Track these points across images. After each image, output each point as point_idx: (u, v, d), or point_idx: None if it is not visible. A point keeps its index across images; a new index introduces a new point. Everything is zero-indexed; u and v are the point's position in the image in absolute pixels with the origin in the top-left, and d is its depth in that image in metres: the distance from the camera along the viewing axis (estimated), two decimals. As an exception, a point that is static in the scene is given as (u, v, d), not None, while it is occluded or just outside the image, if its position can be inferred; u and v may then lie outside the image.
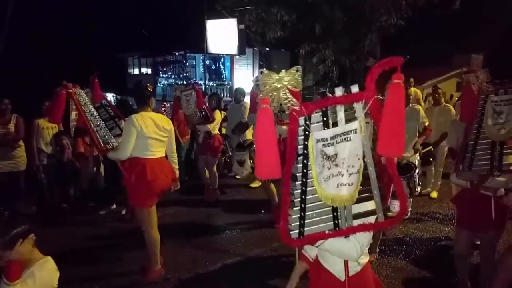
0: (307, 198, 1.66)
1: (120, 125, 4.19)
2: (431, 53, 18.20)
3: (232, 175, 7.79)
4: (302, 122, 1.61)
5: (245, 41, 14.27)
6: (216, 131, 6.29)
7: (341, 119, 1.60)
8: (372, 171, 1.64)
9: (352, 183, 1.61)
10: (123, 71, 23.53)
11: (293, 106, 1.58)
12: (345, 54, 15.26)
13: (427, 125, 5.31)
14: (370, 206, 1.69)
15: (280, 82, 1.57)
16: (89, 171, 6.49)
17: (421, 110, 5.39)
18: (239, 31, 13.47)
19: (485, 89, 2.88)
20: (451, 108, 6.23)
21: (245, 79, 17.55)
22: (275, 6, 14.14)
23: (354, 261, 1.82)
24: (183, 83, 15.91)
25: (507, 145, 2.85)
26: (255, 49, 18.57)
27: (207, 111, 5.82)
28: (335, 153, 1.60)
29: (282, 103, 1.58)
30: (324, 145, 1.60)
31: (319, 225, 1.69)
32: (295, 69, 1.61)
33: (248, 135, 6.80)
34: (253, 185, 7.13)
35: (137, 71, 23.11)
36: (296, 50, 17.07)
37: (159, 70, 20.96)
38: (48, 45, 19.03)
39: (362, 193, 1.66)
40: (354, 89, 1.57)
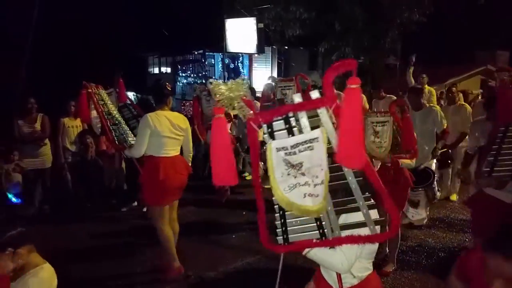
0: None
1: None
2: (453, 50, 17.76)
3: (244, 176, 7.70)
4: (265, 130, 1.58)
5: (264, 39, 14.25)
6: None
7: (305, 127, 1.54)
8: (352, 181, 1.56)
9: (318, 195, 1.53)
10: (144, 70, 23.91)
11: (249, 115, 1.55)
12: (365, 51, 15.06)
13: (445, 127, 5.00)
14: (359, 217, 1.61)
15: (231, 91, 1.54)
16: (113, 169, 6.65)
17: (440, 111, 5.06)
18: (258, 29, 13.46)
19: None
20: (467, 106, 5.94)
21: (263, 78, 17.56)
22: (294, 4, 14.06)
23: (342, 273, 1.77)
24: (202, 81, 16.06)
25: None
26: (274, 47, 18.53)
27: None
28: (299, 162, 1.53)
29: (238, 112, 1.57)
30: (286, 154, 1.54)
31: (305, 233, 1.65)
32: (242, 78, 1.60)
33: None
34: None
35: (157, 70, 23.45)
36: (315, 48, 16.95)
37: (179, 69, 21.20)
38: (72, 45, 19.49)
39: (344, 204, 1.60)
40: (313, 95, 1.50)
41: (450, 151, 5.59)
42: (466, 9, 14.51)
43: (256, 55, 17.05)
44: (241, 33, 14.18)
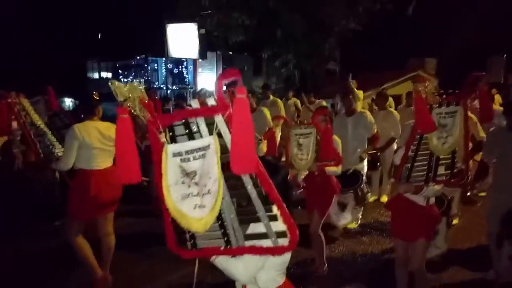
0: None
1: None
2: (387, 56, 18.89)
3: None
4: (167, 133, 1.56)
5: (206, 45, 14.28)
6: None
7: (204, 133, 1.52)
8: (252, 191, 1.52)
9: (204, 206, 1.50)
10: (83, 76, 22.84)
11: (147, 118, 1.56)
12: (306, 58, 15.59)
13: (375, 132, 5.12)
14: (263, 228, 1.57)
15: (131, 93, 1.55)
16: (45, 180, 6.27)
17: (370, 116, 5.23)
18: (200, 35, 13.47)
19: (431, 100, 2.76)
20: (395, 112, 6.20)
21: (209, 83, 17.52)
22: (236, 11, 14.23)
23: (243, 283, 1.77)
24: (146, 87, 15.62)
25: (442, 156, 2.84)
26: (218, 53, 18.60)
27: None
28: (193, 170, 1.51)
29: (140, 114, 1.57)
30: (181, 160, 1.51)
31: (212, 240, 1.63)
32: (137, 82, 1.60)
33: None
34: None
35: (97, 75, 22.52)
36: (259, 54, 17.25)
37: (120, 74, 20.53)
38: (4, 51, 18.16)
39: (247, 213, 1.56)
40: (209, 101, 1.50)
41: (379, 154, 5.75)
42: (396, 19, 15.50)
43: (200, 60, 17.00)
44: (183, 39, 14.10)
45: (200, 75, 18.77)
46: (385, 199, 6.23)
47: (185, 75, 19.13)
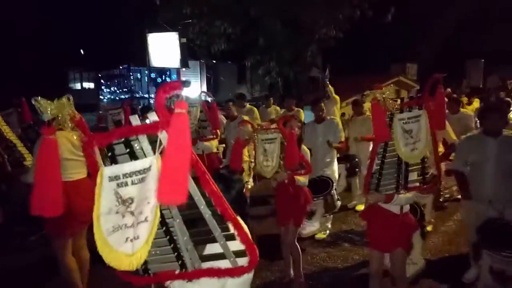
0: None
1: None
2: (369, 62, 19.17)
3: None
4: (105, 154, 1.40)
5: (188, 54, 14.29)
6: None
7: (148, 151, 1.36)
8: (205, 211, 1.39)
9: (138, 236, 1.29)
10: (64, 86, 22.56)
11: (81, 137, 1.47)
12: (288, 65, 15.69)
13: (342, 140, 5.13)
14: (220, 248, 1.47)
15: (59, 111, 1.46)
16: (21, 192, 6.12)
17: (339, 123, 5.27)
18: (181, 44, 13.46)
19: (391, 107, 2.70)
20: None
21: (193, 92, 17.49)
22: (218, 19, 14.27)
23: None
24: (129, 96, 15.56)
25: (412, 162, 2.77)
26: (202, 62, 18.60)
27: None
28: (130, 197, 1.34)
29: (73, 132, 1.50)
30: (118, 185, 1.35)
31: (166, 263, 1.50)
32: (66, 98, 1.52)
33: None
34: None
35: (79, 86, 22.28)
36: (242, 62, 17.31)
37: (103, 84, 20.38)
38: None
39: (201, 234, 1.46)
40: (152, 117, 1.34)
41: (357, 159, 5.76)
42: (378, 26, 15.74)
43: (183, 69, 16.97)
44: (164, 48, 14.08)
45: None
46: (360, 207, 5.96)
47: (169, 84, 19.10)
